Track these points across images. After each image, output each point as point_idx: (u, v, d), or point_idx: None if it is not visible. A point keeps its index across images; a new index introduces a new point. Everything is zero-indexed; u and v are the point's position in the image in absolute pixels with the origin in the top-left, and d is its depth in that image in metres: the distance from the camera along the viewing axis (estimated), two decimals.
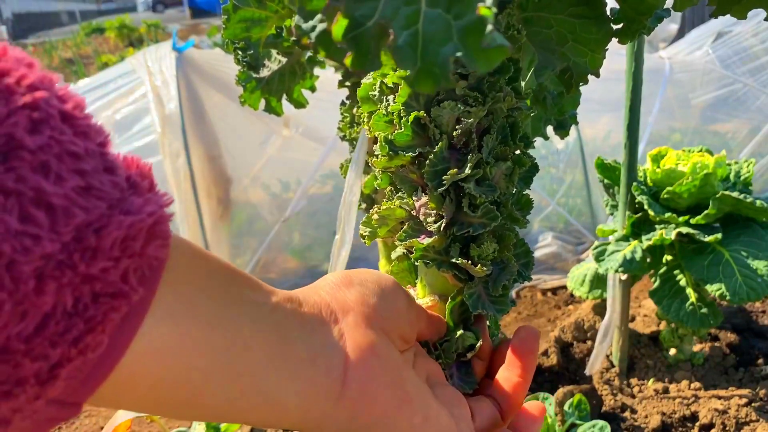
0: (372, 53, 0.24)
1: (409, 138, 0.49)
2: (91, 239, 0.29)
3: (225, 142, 2.73)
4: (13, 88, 0.28)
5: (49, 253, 0.28)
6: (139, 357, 0.33)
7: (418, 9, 0.24)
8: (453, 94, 0.48)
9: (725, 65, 3.05)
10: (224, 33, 1.07)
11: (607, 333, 1.88)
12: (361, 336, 0.43)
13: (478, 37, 0.23)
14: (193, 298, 0.35)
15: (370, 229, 0.58)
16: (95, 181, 0.30)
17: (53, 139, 0.29)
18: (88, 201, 0.29)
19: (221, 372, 0.36)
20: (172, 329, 0.34)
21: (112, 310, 0.30)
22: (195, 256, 0.38)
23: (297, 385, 0.39)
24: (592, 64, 0.56)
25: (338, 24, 0.25)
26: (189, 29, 13.85)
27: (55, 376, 0.29)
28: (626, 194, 1.81)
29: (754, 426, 1.69)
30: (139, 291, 0.31)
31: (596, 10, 0.53)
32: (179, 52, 2.62)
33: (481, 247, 0.51)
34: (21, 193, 0.27)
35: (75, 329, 0.29)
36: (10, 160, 0.27)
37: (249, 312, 0.38)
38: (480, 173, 0.49)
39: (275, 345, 0.39)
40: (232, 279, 0.39)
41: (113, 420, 1.36)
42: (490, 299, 0.53)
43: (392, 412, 0.43)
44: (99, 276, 0.30)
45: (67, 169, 0.29)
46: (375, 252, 2.56)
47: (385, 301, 0.46)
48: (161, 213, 0.33)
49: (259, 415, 0.39)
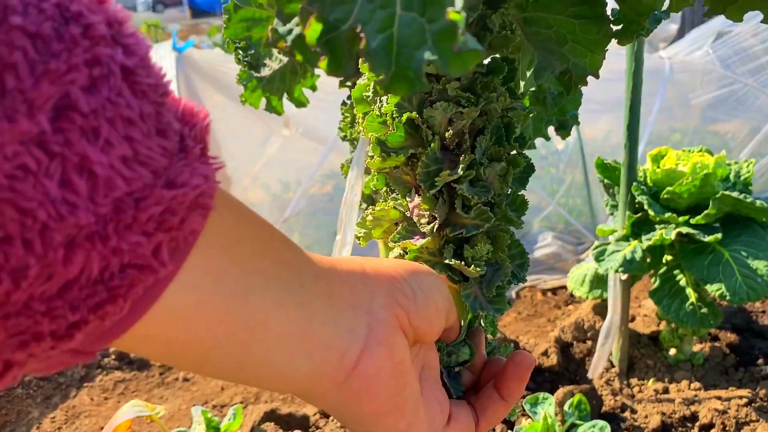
0: (346, 57, 0.24)
1: (402, 139, 0.49)
2: (128, 212, 0.28)
3: (225, 142, 2.73)
4: (77, 39, 0.27)
5: (84, 224, 0.27)
6: (156, 320, 0.32)
7: (393, 13, 0.23)
8: (445, 95, 0.48)
9: (725, 65, 3.04)
10: (225, 32, 1.07)
11: (609, 335, 1.87)
12: (384, 333, 0.42)
13: (450, 41, 0.23)
14: (222, 267, 0.34)
15: (365, 230, 0.57)
16: (144, 148, 0.29)
17: (109, 101, 0.28)
18: (132, 170, 0.28)
19: (235, 342, 0.36)
20: (193, 298, 0.33)
21: (138, 281, 0.30)
22: (237, 217, 0.37)
23: (308, 366, 0.39)
24: (592, 64, 0.56)
25: (312, 28, 0.24)
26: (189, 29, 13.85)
27: (71, 335, 0.29)
28: (626, 194, 1.81)
29: (754, 426, 1.69)
30: (168, 266, 0.31)
31: (596, 10, 0.53)
32: (179, 52, 2.62)
33: (474, 248, 0.51)
34: (65, 158, 0.26)
35: (97, 296, 0.29)
36: (60, 120, 0.26)
37: (277, 287, 0.37)
38: (473, 174, 0.49)
39: (296, 323, 0.38)
40: (268, 246, 0.38)
41: (113, 420, 1.36)
42: (486, 300, 0.53)
43: (384, 412, 0.43)
44: (130, 249, 0.29)
45: (117, 135, 0.28)
46: (375, 252, 2.56)
47: (425, 295, 0.45)
48: (206, 186, 0.32)
49: (264, 382, 0.40)
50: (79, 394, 2.11)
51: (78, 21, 0.27)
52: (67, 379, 2.16)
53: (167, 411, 1.96)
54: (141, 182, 0.29)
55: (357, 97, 0.54)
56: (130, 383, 2.15)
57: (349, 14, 0.24)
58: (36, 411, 2.03)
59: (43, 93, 0.26)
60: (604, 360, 1.93)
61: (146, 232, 0.29)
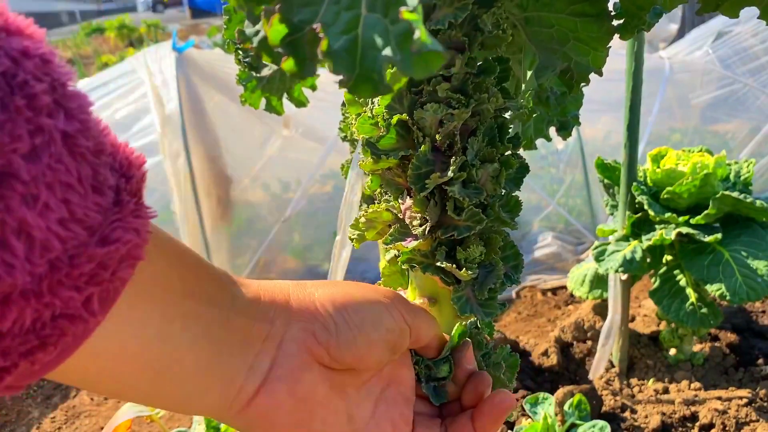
0: (309, 58, 0.24)
1: (393, 141, 0.49)
2: (63, 270, 0.30)
3: (225, 142, 2.73)
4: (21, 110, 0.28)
5: (19, 284, 0.29)
6: (79, 359, 0.34)
7: (359, 14, 0.23)
8: (436, 96, 0.48)
9: (725, 65, 3.03)
10: (225, 33, 1.07)
11: (609, 335, 1.87)
12: (288, 368, 0.44)
13: (408, 42, 0.22)
14: (146, 315, 0.37)
15: (359, 231, 0.57)
16: (80, 208, 0.31)
17: (49, 167, 0.29)
18: (68, 230, 0.30)
19: (148, 378, 0.39)
20: (115, 344, 0.36)
21: (68, 330, 0.32)
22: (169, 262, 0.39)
23: (209, 398, 0.42)
24: (595, 62, 0.55)
25: (274, 28, 0.24)
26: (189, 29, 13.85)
27: (2, 378, 0.31)
28: (626, 194, 1.81)
29: (754, 426, 1.69)
30: (98, 316, 0.33)
31: (597, 7, 0.53)
32: (179, 52, 2.61)
33: (467, 251, 0.50)
34: (5, 222, 0.28)
35: (29, 344, 0.31)
36: (2, 187, 0.28)
37: (195, 327, 0.40)
38: (464, 176, 0.49)
39: (206, 360, 0.41)
40: (195, 288, 0.41)
41: (113, 420, 1.36)
42: (478, 302, 0.53)
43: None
44: (62, 303, 0.31)
45: (55, 199, 0.30)
46: (375, 252, 2.56)
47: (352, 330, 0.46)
48: (137, 240, 0.34)
49: (175, 409, 0.44)
50: (79, 394, 2.11)
51: (23, 90, 0.28)
52: None
53: (167, 411, 1.96)
54: (76, 240, 0.31)
55: (349, 99, 0.54)
56: None
57: (315, 15, 0.24)
58: (36, 411, 2.03)
59: None
60: (605, 361, 1.93)
61: (78, 287, 0.31)
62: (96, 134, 0.33)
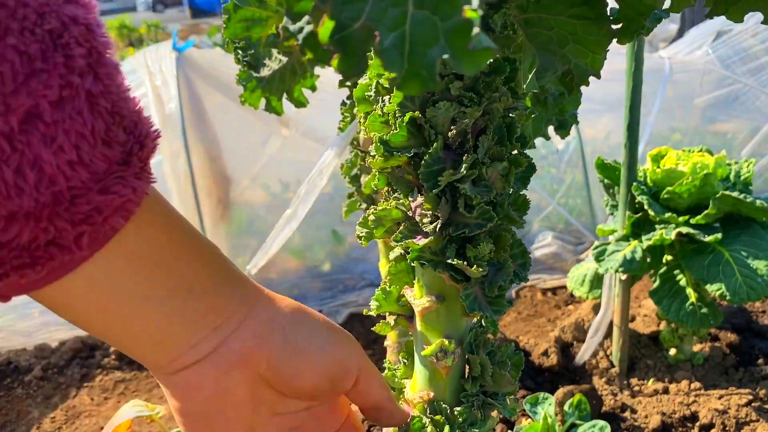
0: (358, 55, 0.24)
1: (404, 139, 0.49)
2: (63, 205, 0.36)
3: (225, 142, 2.73)
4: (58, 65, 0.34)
5: (25, 206, 0.34)
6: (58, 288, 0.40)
7: (405, 11, 0.23)
8: (448, 95, 0.48)
9: (725, 65, 3.04)
10: (225, 32, 1.07)
11: (599, 328, 1.92)
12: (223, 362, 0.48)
13: (464, 39, 0.23)
14: (118, 272, 0.42)
15: (367, 229, 0.57)
16: (87, 155, 0.36)
17: (69, 116, 0.35)
18: (74, 172, 0.36)
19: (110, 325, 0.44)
20: (86, 284, 0.41)
21: (56, 257, 0.37)
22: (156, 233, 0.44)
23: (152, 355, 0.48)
24: (593, 65, 0.56)
25: (324, 26, 0.25)
26: (189, 29, 13.84)
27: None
28: (626, 194, 1.81)
29: (754, 426, 1.69)
30: (84, 252, 0.39)
31: (597, 10, 0.53)
32: (179, 52, 2.61)
33: (477, 248, 0.51)
34: (24, 154, 0.33)
35: (21, 259, 0.36)
36: (28, 123, 0.33)
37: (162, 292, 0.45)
38: (475, 174, 0.49)
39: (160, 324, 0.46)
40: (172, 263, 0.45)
41: (113, 420, 1.36)
42: (486, 300, 0.53)
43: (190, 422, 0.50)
44: (56, 232, 0.36)
45: (69, 144, 0.35)
46: (375, 252, 2.56)
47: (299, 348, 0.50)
48: (133, 196, 0.39)
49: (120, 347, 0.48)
50: (79, 394, 2.10)
51: (64, 50, 0.34)
52: (67, 379, 2.16)
53: (167, 411, 1.96)
54: (79, 181, 0.36)
55: (359, 97, 0.54)
56: (130, 383, 2.14)
57: (361, 12, 0.24)
58: (36, 411, 2.03)
59: (19, 101, 0.32)
60: (591, 351, 1.98)
61: (73, 222, 0.37)
62: (116, 98, 0.38)
